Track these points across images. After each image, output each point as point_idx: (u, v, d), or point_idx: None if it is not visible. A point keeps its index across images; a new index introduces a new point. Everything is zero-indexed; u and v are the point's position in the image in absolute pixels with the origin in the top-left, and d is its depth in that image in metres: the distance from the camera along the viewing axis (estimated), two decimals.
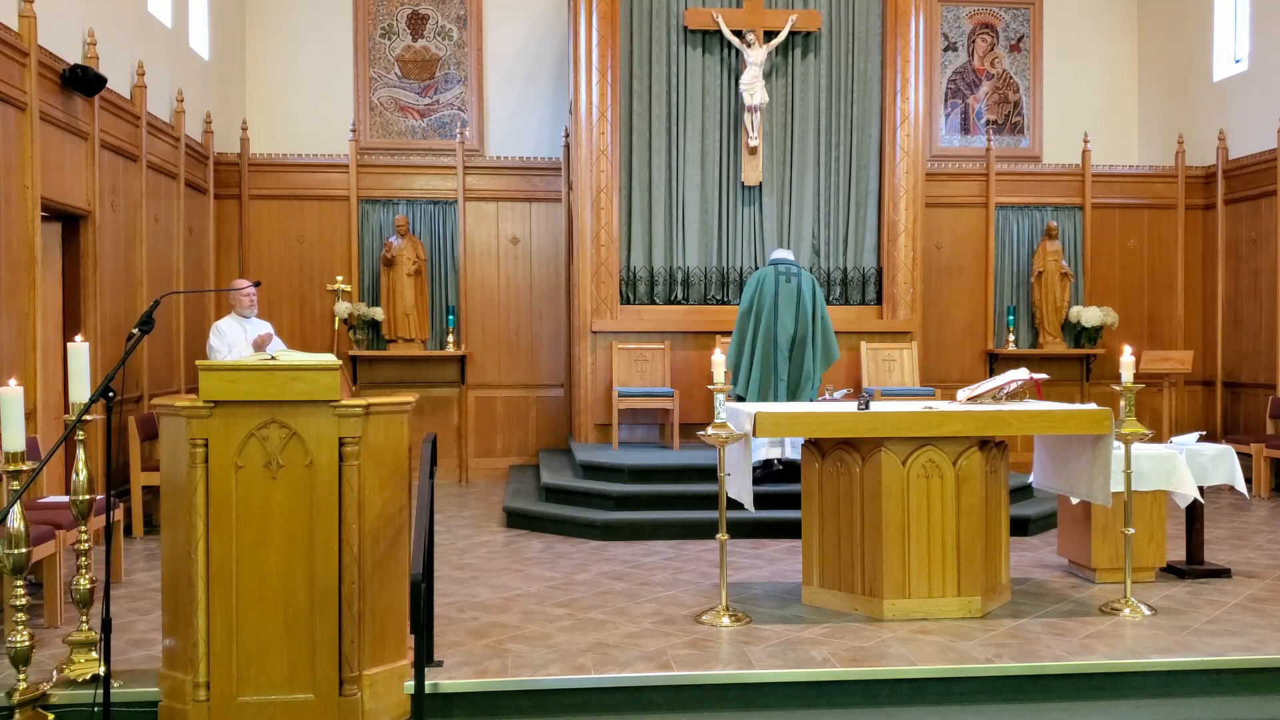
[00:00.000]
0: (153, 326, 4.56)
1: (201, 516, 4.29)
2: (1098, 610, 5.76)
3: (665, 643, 5.21)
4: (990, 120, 12.18)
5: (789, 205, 10.36)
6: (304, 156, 11.04)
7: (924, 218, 10.43)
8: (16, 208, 6.72)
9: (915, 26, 10.22)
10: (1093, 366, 11.57)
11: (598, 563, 7.11)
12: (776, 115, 10.30)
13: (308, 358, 4.43)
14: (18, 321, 6.74)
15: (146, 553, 7.43)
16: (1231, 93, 11.21)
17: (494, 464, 11.22)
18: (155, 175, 9.06)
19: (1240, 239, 11.13)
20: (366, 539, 4.45)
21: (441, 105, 11.56)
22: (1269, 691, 4.95)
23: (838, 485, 5.85)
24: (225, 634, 4.30)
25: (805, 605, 5.93)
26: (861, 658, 4.98)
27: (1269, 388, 10.48)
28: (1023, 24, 12.22)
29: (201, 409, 4.30)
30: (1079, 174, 11.63)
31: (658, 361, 9.92)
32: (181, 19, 9.78)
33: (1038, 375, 6.27)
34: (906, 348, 10.17)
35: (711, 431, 5.62)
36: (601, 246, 9.93)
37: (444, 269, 11.17)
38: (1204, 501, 6.66)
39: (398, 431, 4.60)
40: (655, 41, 10.20)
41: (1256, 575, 6.62)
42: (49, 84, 7.09)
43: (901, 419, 5.64)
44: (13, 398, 4.43)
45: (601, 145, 9.90)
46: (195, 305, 10.02)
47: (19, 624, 4.40)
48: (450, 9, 11.58)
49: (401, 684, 4.57)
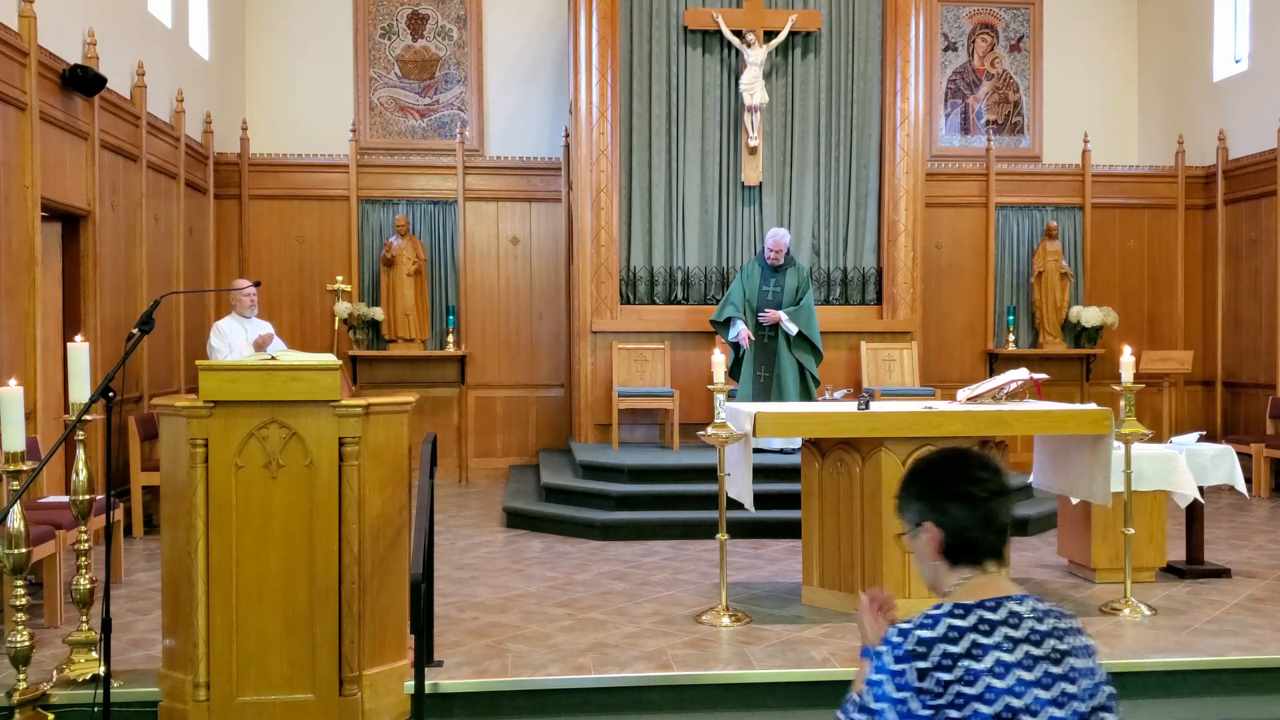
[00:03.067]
0: (153, 326, 4.56)
1: (201, 516, 4.29)
2: (1098, 610, 5.76)
3: (665, 643, 5.21)
4: (990, 120, 12.18)
5: (789, 205, 10.35)
6: (304, 156, 11.04)
7: (924, 218, 10.43)
8: (16, 208, 6.72)
9: (915, 26, 10.22)
10: (1093, 366, 11.57)
11: (598, 563, 7.11)
12: (776, 115, 10.30)
13: (308, 358, 4.43)
14: (18, 321, 6.74)
15: (146, 553, 7.43)
16: (1231, 93, 11.20)
17: (494, 464, 11.22)
18: (155, 175, 9.06)
19: (1240, 239, 11.13)
20: (366, 539, 4.45)
21: (441, 105, 11.56)
22: (1269, 691, 4.94)
23: (838, 485, 5.85)
24: (225, 634, 4.30)
25: (805, 605, 5.93)
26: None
27: (1269, 388, 10.48)
28: (1023, 24, 12.22)
29: (201, 409, 4.30)
30: (1079, 174, 11.62)
31: (658, 361, 9.92)
32: (181, 19, 9.77)
33: (1038, 375, 6.28)
34: (906, 348, 10.17)
35: (711, 431, 5.62)
36: (601, 246, 9.93)
37: (444, 269, 11.17)
38: (1204, 501, 6.66)
39: (398, 431, 4.60)
40: (655, 41, 10.20)
41: (1256, 575, 6.62)
42: (49, 84, 7.09)
43: (901, 419, 5.64)
44: (13, 398, 4.44)
45: (601, 145, 9.90)
46: (195, 305, 10.02)
47: (19, 624, 4.41)
48: (450, 9, 11.58)
49: (401, 684, 4.57)
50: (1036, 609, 2.11)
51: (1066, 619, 2.13)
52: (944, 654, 2.02)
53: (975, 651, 2.02)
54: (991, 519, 2.14)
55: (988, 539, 2.14)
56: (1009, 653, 2.03)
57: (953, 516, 2.14)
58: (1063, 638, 2.09)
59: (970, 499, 2.13)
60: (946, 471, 2.17)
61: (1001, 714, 2.00)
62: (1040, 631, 2.08)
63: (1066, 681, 2.06)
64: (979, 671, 2.01)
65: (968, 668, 2.01)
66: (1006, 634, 2.05)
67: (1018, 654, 2.04)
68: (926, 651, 2.03)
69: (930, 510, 2.16)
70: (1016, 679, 2.02)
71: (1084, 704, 2.08)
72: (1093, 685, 2.11)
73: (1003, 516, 2.16)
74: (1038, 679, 2.03)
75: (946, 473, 2.17)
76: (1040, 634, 2.08)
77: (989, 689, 2.00)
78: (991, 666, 2.02)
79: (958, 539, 2.14)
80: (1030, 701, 2.01)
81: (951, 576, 2.17)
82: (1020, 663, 2.03)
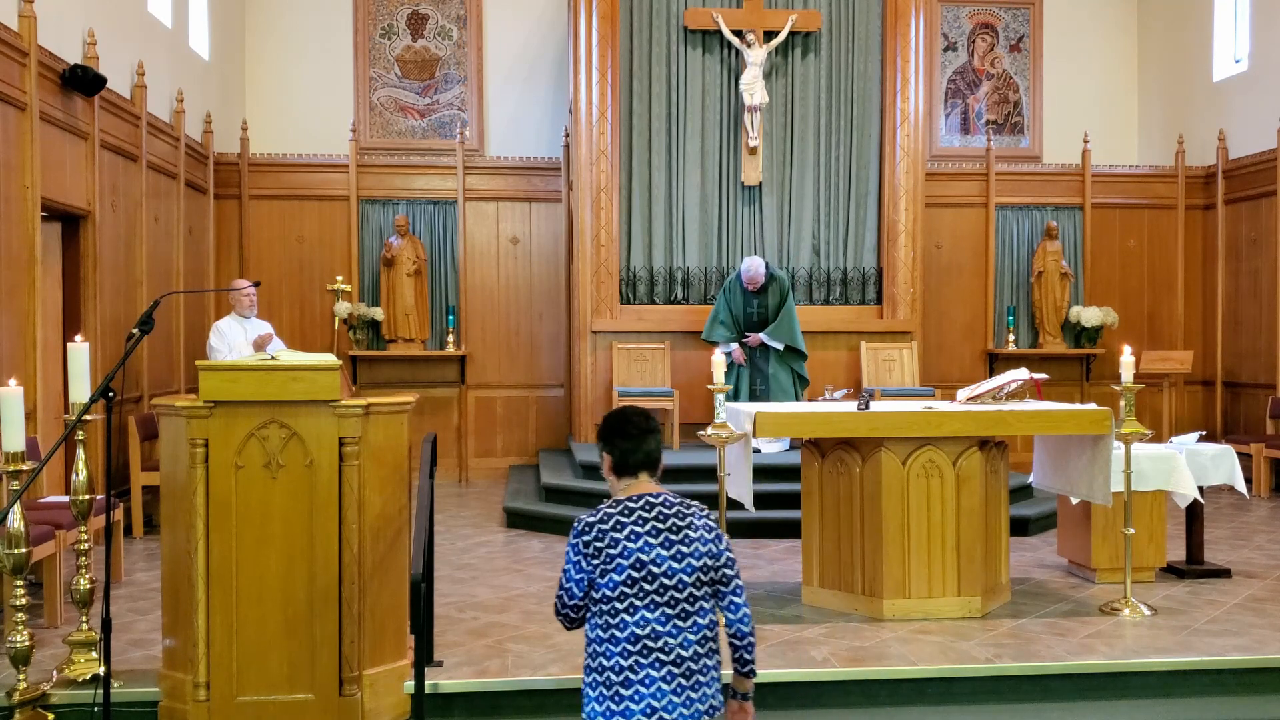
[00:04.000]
0: (153, 326, 4.55)
1: (201, 516, 4.29)
2: (1098, 610, 5.76)
3: None
4: (990, 120, 12.18)
5: (789, 205, 10.35)
6: (304, 156, 11.04)
7: (924, 218, 10.42)
8: (16, 208, 6.72)
9: (915, 26, 10.21)
10: (1093, 366, 11.57)
11: None
12: (776, 115, 10.30)
13: (308, 358, 4.43)
14: (18, 321, 6.74)
15: (146, 553, 7.43)
16: (1231, 93, 11.21)
17: (494, 464, 11.22)
18: (155, 175, 9.06)
19: (1240, 239, 11.13)
20: (366, 539, 4.45)
21: (441, 105, 11.56)
22: (1269, 691, 4.95)
23: (838, 485, 5.85)
24: (225, 634, 4.30)
25: (805, 605, 5.93)
26: (861, 658, 4.98)
27: (1269, 388, 10.48)
28: (1023, 24, 12.23)
29: (201, 409, 4.30)
30: (1079, 174, 11.62)
31: (658, 361, 9.92)
32: (181, 19, 9.77)
33: (1038, 375, 6.27)
34: (906, 348, 10.17)
35: (711, 431, 5.62)
36: (601, 246, 9.93)
37: (444, 269, 11.17)
38: (1204, 501, 6.66)
39: (398, 431, 4.60)
40: (655, 41, 10.20)
41: (1256, 575, 6.62)
42: (49, 84, 7.09)
43: (901, 419, 5.64)
44: (13, 398, 4.43)
45: (601, 145, 9.90)
46: (195, 305, 10.02)
47: (19, 624, 4.41)
48: (450, 9, 11.58)
49: (401, 684, 4.57)
50: (668, 500, 3.17)
51: (691, 511, 3.17)
52: (599, 531, 3.10)
53: (618, 527, 3.10)
54: (639, 447, 3.22)
55: (638, 459, 3.22)
56: (640, 526, 3.10)
57: (616, 447, 3.23)
58: (683, 518, 3.13)
59: (626, 436, 3.23)
60: (614, 421, 3.29)
61: (634, 565, 3.06)
62: (666, 514, 3.13)
63: (683, 545, 3.10)
64: (619, 538, 3.08)
65: (612, 537, 3.09)
66: (640, 515, 3.11)
67: (646, 527, 3.10)
68: (590, 529, 3.11)
69: (605, 445, 3.27)
70: (644, 542, 3.08)
71: (699, 561, 3.11)
72: (714, 551, 3.14)
73: (648, 445, 3.23)
74: (660, 542, 3.09)
75: (614, 421, 3.29)
76: (665, 514, 3.13)
77: (624, 549, 3.07)
78: (626, 535, 3.09)
79: (620, 461, 3.24)
80: (654, 556, 3.07)
81: (619, 485, 3.25)
82: (647, 531, 3.09)
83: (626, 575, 3.05)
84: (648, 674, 3.07)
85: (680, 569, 3.07)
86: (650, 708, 3.06)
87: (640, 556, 3.05)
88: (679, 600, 3.08)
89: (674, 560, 3.07)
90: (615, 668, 3.08)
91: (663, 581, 3.06)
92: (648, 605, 3.06)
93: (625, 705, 3.06)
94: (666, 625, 3.07)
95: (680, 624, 3.09)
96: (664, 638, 3.07)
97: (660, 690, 3.06)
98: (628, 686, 3.07)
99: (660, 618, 3.07)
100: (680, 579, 3.07)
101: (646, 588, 3.06)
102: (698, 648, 3.10)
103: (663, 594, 3.07)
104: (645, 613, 3.06)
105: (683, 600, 3.08)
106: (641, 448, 3.22)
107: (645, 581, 3.06)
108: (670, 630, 3.08)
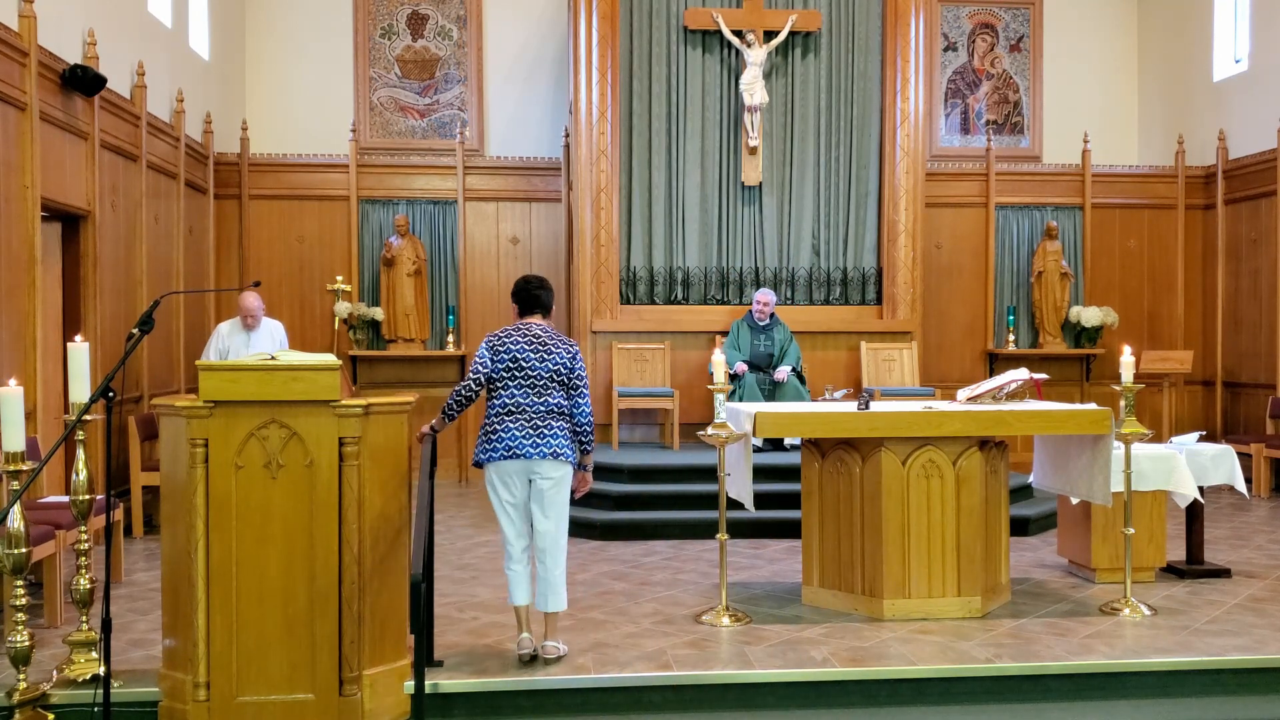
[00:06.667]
0: (153, 326, 4.56)
1: (201, 516, 4.30)
2: (1098, 610, 5.76)
3: (665, 643, 5.22)
4: (990, 120, 12.18)
5: (789, 205, 10.36)
6: (304, 156, 11.04)
7: (924, 218, 10.43)
8: (16, 208, 6.72)
9: (915, 26, 10.22)
10: (1093, 366, 11.58)
11: (597, 563, 7.11)
12: (776, 115, 10.31)
13: (308, 358, 4.43)
14: (18, 321, 6.74)
15: (146, 553, 7.44)
16: (1231, 93, 11.21)
17: None
18: (155, 175, 9.06)
19: (1240, 239, 11.13)
20: (366, 539, 4.45)
21: (441, 105, 11.57)
22: (1269, 691, 4.95)
23: (838, 485, 5.85)
24: (225, 634, 4.30)
25: (805, 605, 5.93)
26: (861, 658, 4.98)
27: (1269, 388, 10.48)
28: (1023, 24, 12.23)
29: (201, 409, 4.30)
30: (1079, 174, 11.63)
31: (658, 361, 9.92)
32: (181, 19, 9.77)
33: (1038, 375, 6.28)
34: (906, 348, 10.17)
35: (711, 431, 5.62)
36: (601, 246, 9.93)
37: (444, 269, 11.17)
38: (1204, 501, 6.66)
39: (398, 431, 4.61)
40: (655, 41, 10.20)
41: (1256, 575, 6.62)
42: (49, 84, 7.09)
43: (901, 419, 5.64)
44: (13, 398, 4.44)
45: (601, 145, 9.91)
46: (195, 305, 10.02)
47: (19, 624, 4.41)
48: (450, 9, 11.58)
49: (401, 684, 4.57)
50: (545, 328, 4.99)
51: (556, 339, 4.96)
52: (499, 340, 4.93)
53: (506, 339, 4.92)
54: (530, 296, 5.04)
55: (529, 304, 5.04)
56: (522, 338, 4.92)
57: (519, 297, 5.06)
58: (548, 340, 4.92)
59: (525, 291, 5.05)
60: (519, 285, 5.07)
61: (511, 361, 4.87)
62: (540, 335, 4.93)
63: (545, 353, 4.90)
64: (508, 345, 4.90)
65: (505, 345, 4.91)
66: (522, 334, 4.94)
67: (525, 339, 4.91)
68: (496, 337, 4.95)
69: (513, 298, 5.08)
70: (520, 347, 4.89)
71: (555, 365, 4.89)
72: (567, 364, 4.93)
73: (537, 299, 5.04)
74: (530, 349, 4.89)
75: (519, 286, 5.07)
76: (540, 335, 4.93)
77: (508, 350, 4.88)
78: (510, 344, 4.90)
79: (520, 305, 5.06)
80: (526, 356, 4.87)
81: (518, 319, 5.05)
82: (523, 340, 4.91)
83: (506, 365, 4.86)
84: (508, 426, 4.82)
85: (541, 367, 4.86)
86: (508, 447, 4.80)
87: (516, 355, 4.87)
88: (537, 385, 4.85)
89: (538, 361, 4.87)
90: (491, 425, 4.86)
91: (528, 372, 4.85)
92: (516, 385, 4.85)
93: (494, 445, 4.83)
94: (527, 399, 4.84)
95: (535, 399, 4.84)
96: (524, 406, 4.83)
97: (514, 435, 4.81)
98: (496, 434, 4.84)
99: (524, 394, 4.84)
100: (540, 372, 4.86)
101: (517, 374, 4.85)
102: (546, 414, 4.84)
103: (526, 379, 4.85)
104: (514, 389, 4.85)
105: (540, 385, 4.85)
106: (530, 301, 5.03)
107: (516, 370, 4.85)
108: (529, 402, 4.84)
